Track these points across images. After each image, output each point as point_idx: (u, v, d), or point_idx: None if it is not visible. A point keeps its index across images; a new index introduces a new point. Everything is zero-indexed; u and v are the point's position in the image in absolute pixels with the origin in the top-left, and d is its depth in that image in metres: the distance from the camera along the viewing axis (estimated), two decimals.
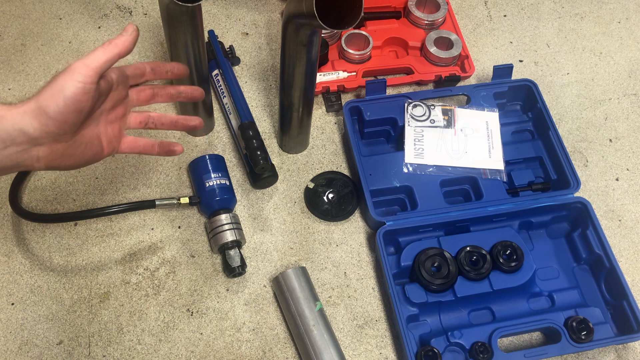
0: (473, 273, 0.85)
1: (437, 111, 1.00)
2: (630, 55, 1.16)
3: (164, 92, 0.72)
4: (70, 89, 0.56)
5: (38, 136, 0.57)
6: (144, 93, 0.70)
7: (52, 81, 0.57)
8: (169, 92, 0.72)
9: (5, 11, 1.13)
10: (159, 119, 0.72)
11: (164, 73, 0.70)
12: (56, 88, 0.56)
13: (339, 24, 0.68)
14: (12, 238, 0.90)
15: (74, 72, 0.57)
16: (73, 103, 0.57)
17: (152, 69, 0.69)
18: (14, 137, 0.55)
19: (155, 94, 0.71)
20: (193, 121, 0.74)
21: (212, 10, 1.16)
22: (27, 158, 0.58)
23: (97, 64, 0.58)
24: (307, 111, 0.93)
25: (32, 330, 0.84)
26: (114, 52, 0.60)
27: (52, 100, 0.56)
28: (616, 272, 0.86)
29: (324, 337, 0.80)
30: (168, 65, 0.70)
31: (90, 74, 0.57)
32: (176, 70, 0.72)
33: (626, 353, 0.87)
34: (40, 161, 0.59)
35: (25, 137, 0.56)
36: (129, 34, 0.61)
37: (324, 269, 0.91)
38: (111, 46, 0.60)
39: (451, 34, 1.09)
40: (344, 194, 0.97)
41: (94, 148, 0.64)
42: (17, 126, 0.55)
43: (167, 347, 0.84)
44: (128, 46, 0.61)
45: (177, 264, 0.90)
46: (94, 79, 0.58)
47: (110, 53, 0.59)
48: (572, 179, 0.93)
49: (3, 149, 0.56)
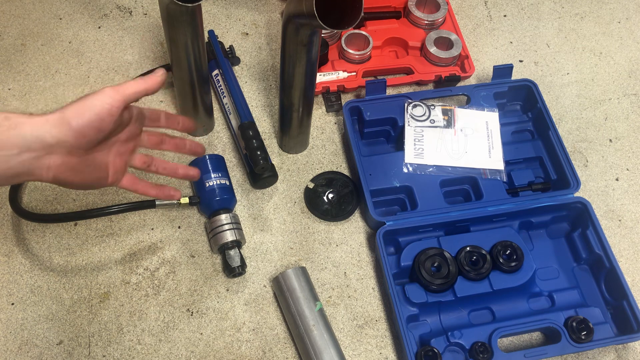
0: (473, 273, 0.85)
1: (437, 111, 1.00)
2: (630, 55, 1.16)
3: (171, 141, 0.76)
4: (97, 106, 0.60)
5: (54, 144, 0.58)
6: (154, 137, 0.74)
7: (81, 99, 0.61)
8: (176, 142, 0.77)
9: (5, 11, 1.13)
10: (162, 165, 0.76)
11: (174, 124, 0.75)
12: (84, 105, 0.60)
13: (339, 24, 0.68)
14: (12, 238, 0.90)
15: (104, 94, 0.61)
16: (97, 120, 0.60)
17: (166, 117, 0.73)
18: (30, 143, 0.57)
19: (162, 141, 0.75)
20: (192, 171, 0.79)
21: (212, 10, 1.16)
22: (38, 166, 0.59)
23: (127, 92, 0.63)
24: (307, 111, 0.93)
25: (32, 330, 0.84)
26: (143, 87, 0.64)
27: (77, 113, 0.60)
28: (616, 272, 0.86)
29: (324, 337, 0.80)
30: (180, 118, 0.75)
31: (118, 98, 0.62)
32: (187, 125, 0.76)
33: (626, 353, 0.87)
34: (49, 171, 0.60)
35: (41, 144, 0.58)
36: (159, 76, 0.66)
37: (324, 269, 0.91)
38: (142, 82, 0.64)
39: (451, 34, 1.09)
40: (344, 194, 0.97)
41: (100, 173, 0.67)
42: (36, 133, 0.57)
43: (167, 347, 0.84)
44: (155, 86, 0.66)
45: (177, 264, 0.90)
46: (120, 104, 0.62)
47: (140, 87, 0.64)
48: (572, 179, 0.93)
49: (18, 155, 0.57)
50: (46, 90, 1.04)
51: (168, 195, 0.77)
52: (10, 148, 0.56)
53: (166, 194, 0.77)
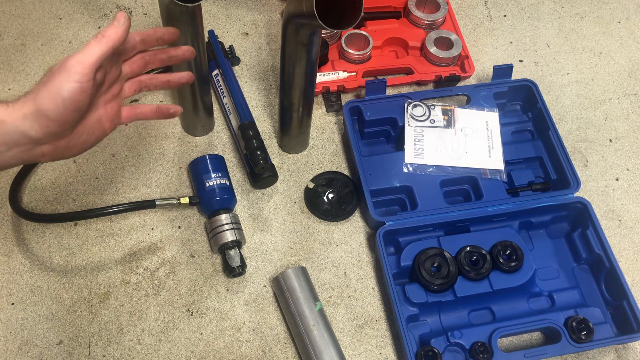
0: (473, 273, 0.85)
1: (437, 111, 1.00)
2: (630, 55, 1.16)
3: (155, 58, 0.70)
4: (67, 89, 0.56)
5: (41, 137, 0.57)
6: (136, 64, 0.68)
7: (48, 80, 0.56)
8: (161, 58, 0.70)
9: (5, 11, 1.13)
10: (151, 81, 0.71)
11: (154, 42, 0.68)
12: (53, 89, 0.56)
13: (339, 24, 0.68)
14: (12, 238, 0.90)
15: (69, 72, 0.56)
16: (72, 103, 0.56)
17: (142, 40, 0.67)
18: (16, 139, 0.56)
19: (147, 62, 0.69)
20: (184, 77, 0.73)
21: (212, 10, 1.16)
22: (32, 156, 0.59)
23: (92, 59, 0.57)
24: (307, 111, 0.93)
25: (32, 330, 0.84)
26: (108, 45, 0.58)
27: (51, 102, 0.56)
28: (616, 272, 0.86)
29: (324, 337, 0.80)
30: (159, 31, 0.68)
31: (86, 71, 0.56)
32: (167, 36, 0.69)
33: (626, 353, 0.87)
34: (45, 156, 0.60)
35: (27, 139, 0.57)
36: (121, 24, 0.59)
37: (324, 269, 0.91)
38: (105, 39, 0.58)
39: (451, 34, 1.09)
40: (344, 194, 0.97)
41: (97, 131, 0.64)
42: (19, 129, 0.55)
43: (167, 347, 0.84)
44: (121, 37, 0.59)
45: (177, 264, 0.90)
46: (90, 77, 0.57)
47: (104, 47, 0.58)
48: (572, 179, 0.93)
49: (7, 150, 0.56)
50: None
51: (168, 114, 0.72)
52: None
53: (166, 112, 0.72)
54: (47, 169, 0.96)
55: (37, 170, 0.96)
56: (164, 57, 0.71)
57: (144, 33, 0.67)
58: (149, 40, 0.67)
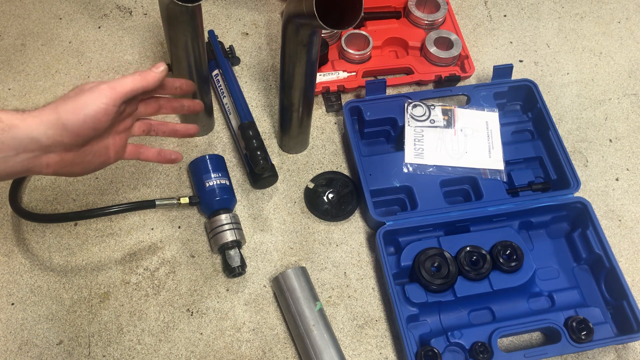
0: (473, 273, 0.85)
1: (437, 111, 1.00)
2: (630, 55, 1.16)
3: (169, 104, 0.75)
4: (92, 107, 0.59)
5: (50, 144, 0.59)
6: (151, 106, 0.73)
7: (76, 96, 0.59)
8: (173, 105, 0.76)
9: (5, 11, 1.13)
10: (160, 127, 0.76)
11: (173, 89, 0.74)
12: (79, 104, 0.59)
13: (339, 24, 0.68)
14: (12, 238, 0.90)
15: (100, 93, 0.60)
16: (92, 121, 0.60)
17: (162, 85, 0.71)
18: (25, 144, 0.57)
19: (160, 107, 0.74)
20: (191, 129, 0.79)
21: (212, 10, 1.16)
22: (37, 164, 0.60)
23: (124, 90, 0.61)
24: (307, 111, 0.93)
25: (32, 330, 0.84)
26: (141, 84, 0.63)
27: (73, 116, 0.58)
28: (616, 272, 0.86)
29: (324, 337, 0.80)
30: (177, 81, 0.74)
31: (115, 97, 0.60)
32: (185, 87, 0.75)
33: (626, 353, 0.87)
34: (49, 167, 0.61)
35: (37, 145, 0.58)
36: (159, 72, 0.65)
37: (324, 269, 0.91)
38: (140, 78, 0.63)
39: (451, 34, 1.09)
40: (344, 194, 0.97)
41: (101, 157, 0.67)
42: (31, 135, 0.57)
43: (167, 347, 0.84)
44: (155, 82, 0.65)
45: (177, 264, 0.90)
46: (117, 103, 0.61)
47: (138, 84, 0.63)
48: (572, 179, 0.93)
49: (15, 156, 0.57)
50: (46, 90, 1.04)
51: (169, 159, 0.76)
52: (6, 150, 0.56)
53: (167, 158, 0.76)
54: None
55: None
56: (177, 105, 0.76)
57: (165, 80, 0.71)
58: (169, 86, 0.72)
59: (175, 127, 0.77)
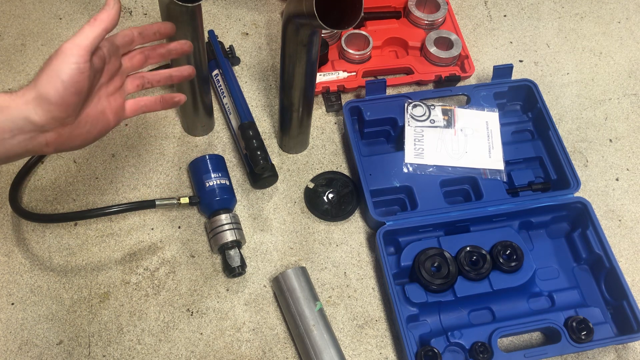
0: (473, 273, 0.85)
1: (437, 111, 1.00)
2: (630, 55, 1.16)
3: (154, 53, 0.72)
4: (65, 71, 0.57)
5: (44, 123, 0.58)
6: (135, 58, 0.70)
7: (46, 66, 0.58)
8: (160, 52, 0.72)
9: (5, 11, 1.13)
10: (154, 77, 0.72)
11: (152, 35, 0.70)
12: (52, 73, 0.57)
13: (339, 24, 0.68)
14: (12, 238, 0.90)
15: (66, 54, 0.57)
16: (71, 85, 0.58)
17: (140, 33, 0.69)
18: (21, 126, 0.57)
19: (147, 57, 0.71)
20: (186, 70, 0.75)
21: (212, 10, 1.16)
22: (36, 144, 0.59)
23: (87, 42, 0.59)
24: (307, 111, 0.93)
25: (32, 330, 0.84)
26: (101, 28, 0.60)
27: (51, 86, 0.57)
28: (616, 272, 0.86)
29: (324, 337, 0.80)
30: (155, 26, 0.70)
31: (82, 53, 0.58)
32: (163, 29, 0.71)
33: (626, 353, 0.87)
34: (49, 146, 0.60)
35: (31, 125, 0.57)
36: (112, 8, 0.61)
37: (324, 269, 0.91)
38: (97, 22, 0.60)
39: (451, 34, 1.09)
40: (344, 194, 0.97)
41: (100, 123, 0.65)
42: (23, 115, 0.56)
43: (167, 347, 0.84)
44: (113, 20, 0.61)
45: (177, 264, 0.90)
46: (86, 58, 0.58)
47: (98, 29, 0.60)
48: (572, 179, 0.93)
49: (11, 138, 0.57)
50: None
51: (173, 102, 0.74)
52: (2, 132, 0.56)
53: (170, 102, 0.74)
54: (47, 169, 0.96)
55: (37, 170, 0.96)
56: (163, 51, 0.73)
57: (141, 27, 0.69)
58: (147, 33, 0.69)
59: (169, 73, 0.73)
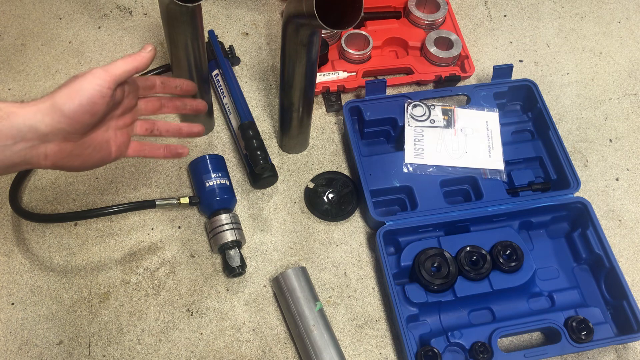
0: (473, 273, 0.85)
1: (437, 111, 1.00)
2: (630, 55, 1.16)
3: (170, 103, 0.75)
4: (88, 90, 0.59)
5: (48, 132, 0.58)
6: (151, 103, 0.73)
7: (70, 82, 0.59)
8: (175, 104, 0.76)
9: (5, 11, 1.13)
10: (164, 127, 0.75)
11: (172, 88, 0.74)
12: (73, 89, 0.59)
13: (339, 24, 0.68)
14: (12, 238, 0.90)
15: (93, 76, 0.60)
16: (88, 104, 0.59)
17: (162, 82, 0.73)
18: (24, 133, 0.57)
19: (162, 105, 0.74)
20: (196, 128, 0.78)
21: (212, 10, 1.16)
22: (35, 155, 0.59)
23: (117, 72, 0.62)
24: (307, 111, 0.93)
25: (32, 330, 0.84)
26: (133, 65, 0.63)
27: (69, 99, 0.59)
28: (616, 272, 0.86)
29: (324, 337, 0.80)
30: (177, 81, 0.74)
31: (109, 79, 0.61)
32: (184, 86, 0.76)
33: (626, 353, 0.87)
34: (47, 159, 0.60)
35: (35, 133, 0.58)
36: (148, 52, 0.65)
37: (324, 269, 0.91)
38: (131, 59, 0.63)
39: (451, 34, 1.09)
40: (344, 194, 0.97)
41: (102, 152, 0.67)
42: (28, 122, 0.57)
43: (167, 347, 0.84)
44: (146, 62, 0.65)
45: (177, 264, 0.90)
46: (111, 85, 0.61)
47: (130, 65, 0.63)
48: (572, 179, 0.93)
49: (13, 145, 0.57)
50: (46, 90, 1.04)
51: (176, 153, 0.76)
52: (5, 139, 0.56)
53: (174, 152, 0.76)
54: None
55: (37, 170, 0.96)
56: (179, 104, 0.76)
57: (165, 78, 0.73)
58: (168, 84, 0.74)
59: (179, 127, 0.77)
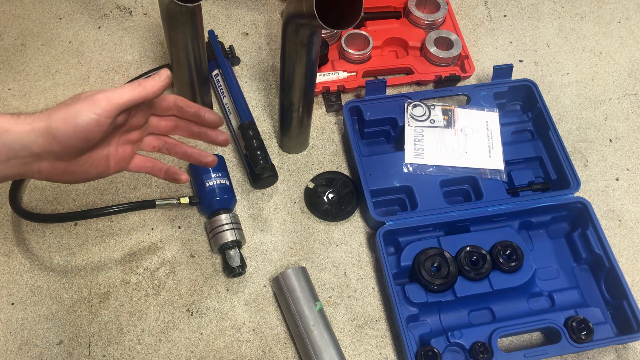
0: (473, 273, 0.85)
1: (437, 111, 1.00)
2: (630, 55, 1.16)
3: (187, 127, 0.70)
4: (84, 118, 0.56)
5: (41, 152, 0.57)
6: (165, 122, 0.68)
7: (71, 103, 0.56)
8: (192, 129, 0.70)
9: (5, 11, 1.13)
10: (174, 148, 0.71)
11: (190, 114, 0.68)
12: (70, 113, 0.56)
13: (339, 24, 0.68)
14: (12, 238, 0.90)
15: (93, 103, 0.56)
16: (83, 132, 0.56)
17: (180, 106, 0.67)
18: (16, 151, 0.56)
19: (177, 127, 0.69)
20: (207, 157, 0.72)
21: (212, 10, 1.16)
22: (29, 170, 0.58)
23: (119, 101, 0.58)
24: (307, 111, 0.93)
25: (32, 330, 0.84)
26: (141, 94, 0.59)
27: (63, 125, 0.56)
28: (616, 272, 0.86)
29: (324, 337, 0.80)
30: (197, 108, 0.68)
31: (109, 109, 0.57)
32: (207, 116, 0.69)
33: (626, 353, 0.87)
34: (41, 174, 0.59)
35: (28, 151, 0.56)
36: (162, 80, 0.61)
37: (324, 269, 0.91)
38: (140, 87, 0.59)
39: (451, 34, 1.09)
40: (344, 194, 0.97)
41: (99, 167, 0.63)
42: (21, 142, 0.55)
43: (167, 347, 0.84)
44: (157, 91, 0.60)
45: (177, 264, 0.90)
46: (111, 115, 0.57)
47: (137, 94, 0.59)
48: (572, 179, 0.93)
49: (5, 162, 0.56)
50: (46, 90, 1.04)
51: (175, 179, 0.71)
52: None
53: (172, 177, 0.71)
54: None
55: None
56: (196, 131, 0.70)
57: (187, 102, 0.67)
58: (186, 110, 0.67)
59: (190, 151, 0.71)
